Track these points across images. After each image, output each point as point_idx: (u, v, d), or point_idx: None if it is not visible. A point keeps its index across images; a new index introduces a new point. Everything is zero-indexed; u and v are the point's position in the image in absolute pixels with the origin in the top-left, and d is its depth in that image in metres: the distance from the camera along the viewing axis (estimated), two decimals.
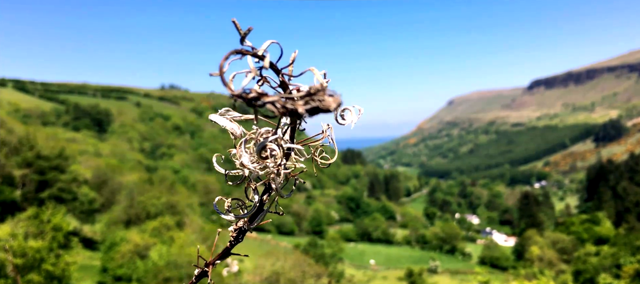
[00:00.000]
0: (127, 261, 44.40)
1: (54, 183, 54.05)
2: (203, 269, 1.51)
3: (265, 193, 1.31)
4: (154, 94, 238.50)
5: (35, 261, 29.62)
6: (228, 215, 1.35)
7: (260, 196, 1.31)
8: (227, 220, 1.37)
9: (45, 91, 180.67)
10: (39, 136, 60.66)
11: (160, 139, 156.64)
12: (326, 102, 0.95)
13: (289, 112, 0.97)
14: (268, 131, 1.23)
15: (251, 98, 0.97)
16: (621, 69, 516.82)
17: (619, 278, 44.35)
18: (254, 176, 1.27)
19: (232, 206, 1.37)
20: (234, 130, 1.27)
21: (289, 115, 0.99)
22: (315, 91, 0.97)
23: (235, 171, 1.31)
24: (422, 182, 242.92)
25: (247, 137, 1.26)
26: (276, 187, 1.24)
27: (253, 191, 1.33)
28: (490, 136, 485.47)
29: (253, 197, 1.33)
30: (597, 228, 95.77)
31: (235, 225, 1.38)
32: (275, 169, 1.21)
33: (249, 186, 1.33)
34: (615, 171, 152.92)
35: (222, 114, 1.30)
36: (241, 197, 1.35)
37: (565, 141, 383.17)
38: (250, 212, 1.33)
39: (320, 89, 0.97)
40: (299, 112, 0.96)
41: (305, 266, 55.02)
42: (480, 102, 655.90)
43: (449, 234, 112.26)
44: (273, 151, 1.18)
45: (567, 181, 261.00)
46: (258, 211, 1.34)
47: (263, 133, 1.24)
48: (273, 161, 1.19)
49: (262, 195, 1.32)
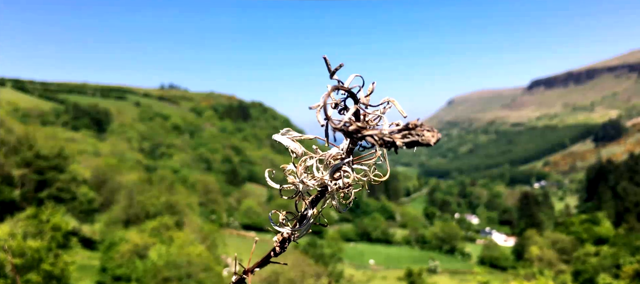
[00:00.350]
0: (126, 261, 44.34)
1: (53, 183, 54.00)
2: (241, 276, 1.55)
3: (313, 206, 1.41)
4: (154, 93, 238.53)
5: (34, 260, 29.56)
6: (283, 228, 1.46)
7: (311, 210, 1.42)
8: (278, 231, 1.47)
9: (44, 91, 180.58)
10: (38, 136, 60.61)
11: (159, 138, 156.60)
12: (425, 137, 1.03)
13: (386, 144, 1.07)
14: (338, 154, 1.32)
15: (352, 131, 1.09)
16: (621, 69, 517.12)
17: (619, 278, 44.34)
18: (304, 190, 1.36)
19: (288, 218, 1.48)
20: (296, 149, 1.36)
21: (385, 146, 1.09)
22: (414, 126, 1.06)
23: (287, 186, 1.40)
24: (421, 182, 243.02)
25: (306, 157, 1.35)
26: (336, 204, 1.36)
27: (305, 204, 1.42)
28: (490, 136, 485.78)
29: (306, 210, 1.43)
30: (596, 228, 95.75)
31: (280, 235, 1.46)
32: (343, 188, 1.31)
33: (300, 200, 1.42)
34: (614, 171, 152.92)
35: (284, 134, 1.39)
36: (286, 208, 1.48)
37: (565, 141, 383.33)
38: (306, 225, 1.44)
39: (419, 125, 1.05)
40: (397, 145, 1.06)
41: (304, 266, 55.03)
42: (480, 102, 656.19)
43: (449, 234, 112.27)
44: (346, 173, 1.30)
45: (567, 181, 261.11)
46: (306, 222, 1.45)
47: (334, 155, 1.32)
48: (343, 181, 1.30)
49: (312, 207, 1.42)
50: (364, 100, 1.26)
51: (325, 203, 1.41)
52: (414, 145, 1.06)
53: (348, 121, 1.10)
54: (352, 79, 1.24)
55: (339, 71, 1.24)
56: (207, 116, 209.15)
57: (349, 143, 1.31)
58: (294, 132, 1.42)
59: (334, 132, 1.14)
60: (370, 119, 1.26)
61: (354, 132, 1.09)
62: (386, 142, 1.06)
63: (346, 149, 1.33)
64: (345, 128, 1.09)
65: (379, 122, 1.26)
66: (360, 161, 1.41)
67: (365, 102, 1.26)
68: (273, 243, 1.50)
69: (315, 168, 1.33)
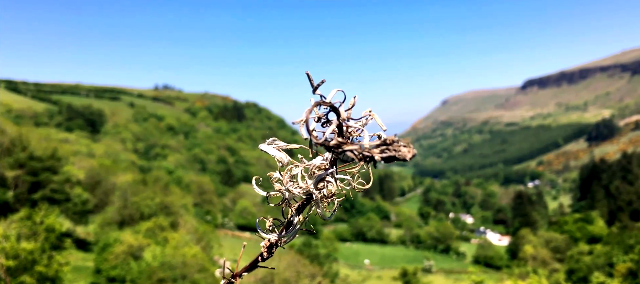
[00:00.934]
0: (120, 262, 44.19)
1: (46, 184, 53.74)
2: (229, 281, 1.60)
3: (299, 213, 1.47)
4: (148, 94, 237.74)
5: (27, 262, 29.41)
6: (270, 234, 1.50)
7: (297, 216, 1.48)
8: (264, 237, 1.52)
9: (37, 92, 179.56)
10: (31, 137, 60.31)
11: (154, 139, 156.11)
12: (402, 153, 1.09)
13: (365, 158, 1.13)
14: (322, 164, 1.38)
15: (332, 146, 1.15)
16: (614, 68, 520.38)
17: (612, 277, 44.60)
18: (290, 198, 1.42)
19: (274, 225, 1.53)
20: (282, 159, 1.41)
21: (364, 161, 1.15)
22: (391, 142, 1.12)
23: (274, 193, 1.45)
24: (416, 182, 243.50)
25: (292, 166, 1.40)
26: (321, 211, 1.42)
27: (292, 211, 1.48)
28: (484, 136, 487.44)
29: (293, 216, 1.48)
30: (590, 226, 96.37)
31: (267, 240, 1.50)
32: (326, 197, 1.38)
33: (287, 207, 1.48)
34: (608, 170, 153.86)
35: (270, 144, 1.43)
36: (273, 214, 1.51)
37: (559, 140, 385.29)
38: (292, 231, 1.49)
39: (396, 141, 1.12)
40: (375, 159, 1.12)
41: (299, 266, 55.03)
42: (474, 102, 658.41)
43: (443, 234, 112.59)
44: (330, 183, 1.37)
45: (561, 180, 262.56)
46: (292, 228, 1.50)
47: (318, 165, 1.38)
48: (327, 191, 1.37)
49: (298, 214, 1.48)
50: (345, 114, 1.31)
51: (310, 210, 1.46)
52: (392, 160, 1.12)
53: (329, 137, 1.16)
54: (334, 94, 1.30)
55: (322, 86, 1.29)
56: (202, 117, 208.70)
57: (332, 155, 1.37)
58: (280, 142, 1.46)
59: (316, 146, 1.20)
60: (353, 131, 1.32)
61: (334, 147, 1.15)
62: (365, 156, 1.12)
63: (330, 160, 1.39)
64: (327, 143, 1.15)
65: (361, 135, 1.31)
66: (345, 169, 1.48)
67: (346, 116, 1.31)
68: (261, 247, 1.54)
69: (300, 177, 1.38)
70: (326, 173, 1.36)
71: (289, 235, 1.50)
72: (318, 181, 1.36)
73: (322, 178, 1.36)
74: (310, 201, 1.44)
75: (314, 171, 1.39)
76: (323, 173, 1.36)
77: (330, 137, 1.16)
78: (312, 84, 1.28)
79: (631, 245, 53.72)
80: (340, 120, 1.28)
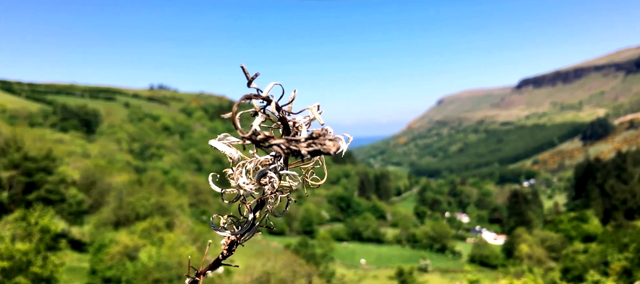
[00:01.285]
0: (116, 263, 44.05)
1: (41, 185, 53.49)
2: (194, 279, 1.63)
3: (257, 210, 1.46)
4: (143, 94, 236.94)
5: (22, 263, 29.27)
6: (224, 232, 1.51)
7: (253, 213, 1.47)
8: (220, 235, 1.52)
9: (32, 92, 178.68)
10: (26, 137, 60.00)
11: (149, 139, 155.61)
12: (327, 146, 1.11)
13: (293, 152, 1.13)
14: (267, 159, 1.37)
15: (259, 140, 1.13)
16: (608, 68, 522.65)
17: (607, 275, 44.79)
18: (247, 195, 1.41)
19: (228, 223, 1.53)
20: (232, 155, 1.41)
21: (292, 155, 1.16)
22: (317, 136, 1.13)
23: (231, 190, 1.43)
24: (412, 182, 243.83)
25: (244, 162, 1.39)
26: (271, 208, 1.40)
27: (247, 208, 1.47)
28: (479, 135, 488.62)
29: (248, 214, 1.48)
30: (585, 225, 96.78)
31: (227, 239, 1.51)
32: (272, 193, 1.37)
33: (243, 204, 1.47)
34: (602, 169, 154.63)
35: (221, 139, 1.42)
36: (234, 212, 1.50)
37: (554, 139, 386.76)
38: (245, 228, 1.49)
39: (321, 134, 1.13)
40: (301, 153, 1.13)
41: (296, 266, 55.04)
42: (470, 102, 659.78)
43: (439, 233, 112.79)
44: (272, 178, 1.35)
45: (556, 180, 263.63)
46: (250, 226, 1.49)
47: (262, 161, 1.38)
48: (271, 186, 1.35)
49: (255, 212, 1.47)
50: (286, 108, 1.31)
51: (264, 207, 1.45)
52: (318, 154, 1.13)
53: (255, 131, 1.14)
54: (271, 87, 1.28)
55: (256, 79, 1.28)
56: (197, 117, 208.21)
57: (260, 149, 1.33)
58: (233, 137, 1.44)
59: (243, 141, 1.20)
60: (299, 127, 1.30)
61: (261, 142, 1.14)
62: (292, 150, 1.12)
63: (275, 155, 1.38)
64: (253, 137, 1.13)
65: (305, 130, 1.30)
66: (299, 165, 1.46)
67: (287, 110, 1.31)
68: (221, 245, 1.54)
69: (244, 174, 1.37)
70: (268, 168, 1.35)
71: (249, 233, 1.51)
72: (260, 177, 1.35)
73: (264, 174, 1.35)
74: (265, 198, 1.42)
75: (258, 167, 1.39)
76: (265, 169, 1.35)
77: (255, 132, 1.14)
78: (248, 77, 1.27)
79: (626, 244, 53.96)
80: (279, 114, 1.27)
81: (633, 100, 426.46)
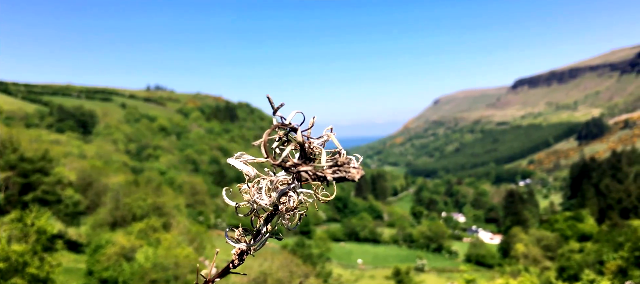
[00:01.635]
0: (113, 264, 43.99)
1: (37, 186, 53.37)
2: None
3: (267, 223, 1.57)
4: (140, 95, 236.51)
5: (18, 264, 29.24)
6: (239, 243, 1.61)
7: (265, 226, 1.58)
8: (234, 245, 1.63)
9: (28, 93, 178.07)
10: (22, 138, 59.86)
11: (146, 140, 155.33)
12: (351, 174, 1.22)
13: (319, 178, 1.25)
14: (285, 179, 1.47)
15: (289, 166, 1.26)
16: (603, 68, 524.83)
17: (602, 275, 45.03)
18: (260, 209, 1.52)
19: (241, 234, 1.63)
20: (249, 172, 1.51)
21: (318, 180, 1.29)
22: (342, 164, 1.25)
23: (244, 204, 1.55)
24: (408, 182, 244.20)
25: (259, 179, 1.50)
26: (287, 223, 1.51)
27: (259, 221, 1.58)
28: (475, 135, 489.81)
29: (260, 226, 1.58)
30: (580, 225, 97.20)
31: (237, 248, 1.61)
32: (290, 210, 1.47)
33: (257, 217, 1.58)
34: (597, 168, 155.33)
35: (238, 158, 1.53)
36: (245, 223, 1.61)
37: (549, 139, 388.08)
38: (260, 240, 1.59)
39: (346, 162, 1.24)
40: (327, 179, 1.25)
41: (293, 266, 55.03)
42: (466, 102, 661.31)
43: (436, 233, 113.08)
44: (291, 197, 1.45)
45: (551, 179, 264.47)
46: (260, 237, 1.60)
47: (280, 180, 1.47)
48: (290, 204, 1.46)
49: (266, 224, 1.57)
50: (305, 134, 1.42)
51: (277, 221, 1.55)
52: (342, 180, 1.24)
53: (285, 158, 1.26)
54: (293, 116, 1.40)
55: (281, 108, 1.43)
56: (194, 117, 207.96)
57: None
58: (248, 156, 1.56)
59: (274, 167, 1.34)
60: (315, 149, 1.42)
61: (290, 167, 1.27)
62: (319, 177, 1.24)
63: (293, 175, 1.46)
64: (283, 164, 1.26)
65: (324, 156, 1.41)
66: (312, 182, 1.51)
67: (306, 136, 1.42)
68: (232, 255, 1.64)
69: (265, 191, 1.47)
70: (288, 187, 1.44)
71: (258, 244, 1.60)
72: (281, 195, 1.44)
73: (285, 192, 1.44)
74: (277, 212, 1.52)
75: (277, 185, 1.47)
76: (286, 187, 1.44)
77: (286, 158, 1.26)
78: (273, 106, 1.38)
79: (621, 243, 54.25)
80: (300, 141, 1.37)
81: (628, 100, 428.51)
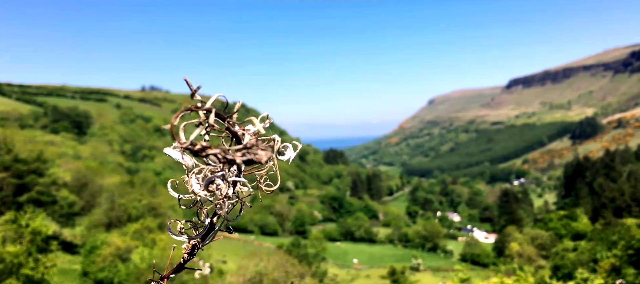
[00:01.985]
0: (108, 265, 43.93)
1: (32, 187, 53.17)
2: (158, 283, 1.70)
3: (214, 215, 1.49)
4: (135, 95, 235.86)
5: (13, 266, 29.19)
6: (181, 236, 1.56)
7: (210, 219, 1.51)
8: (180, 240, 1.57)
9: (22, 93, 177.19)
10: (16, 139, 59.69)
11: (141, 141, 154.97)
12: (258, 155, 1.18)
13: (228, 161, 1.20)
14: (216, 167, 1.39)
15: (196, 150, 1.18)
16: (596, 67, 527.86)
17: (596, 273, 45.37)
18: (204, 200, 1.44)
19: (185, 228, 1.58)
20: (185, 162, 1.44)
21: (228, 164, 1.23)
22: (251, 146, 1.20)
23: (188, 196, 1.47)
24: (404, 181, 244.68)
25: (198, 169, 1.42)
26: (223, 214, 1.43)
27: (204, 213, 1.52)
28: (470, 135, 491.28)
29: (204, 219, 1.52)
30: (574, 223, 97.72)
31: (188, 243, 1.57)
32: (222, 199, 1.40)
33: (201, 210, 1.52)
34: (591, 167, 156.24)
35: (175, 147, 1.43)
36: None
37: (543, 138, 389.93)
38: (202, 232, 1.53)
39: (254, 144, 1.20)
40: (236, 163, 1.19)
41: (288, 266, 55.13)
42: (461, 101, 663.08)
43: (431, 232, 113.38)
44: (219, 185, 1.38)
45: (545, 178, 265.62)
46: (209, 231, 1.53)
47: (212, 169, 1.40)
48: (219, 193, 1.38)
49: (212, 217, 1.50)
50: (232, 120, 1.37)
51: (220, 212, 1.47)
52: (252, 163, 1.20)
53: (192, 141, 1.18)
54: (214, 99, 1.31)
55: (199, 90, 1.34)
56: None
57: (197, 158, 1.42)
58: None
59: (183, 151, 1.25)
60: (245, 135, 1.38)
61: (199, 151, 1.19)
62: (228, 159, 1.18)
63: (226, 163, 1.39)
64: (192, 147, 1.18)
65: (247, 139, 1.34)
66: (251, 171, 1.51)
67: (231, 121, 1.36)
68: (183, 250, 1.60)
69: (194, 181, 1.39)
70: (215, 175, 1.37)
71: (209, 237, 1.54)
72: (208, 183, 1.38)
73: (211, 181, 1.38)
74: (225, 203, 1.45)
75: (206, 174, 1.40)
76: (212, 176, 1.38)
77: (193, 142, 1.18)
78: (191, 89, 1.31)
79: (614, 241, 54.59)
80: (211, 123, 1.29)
81: (621, 99, 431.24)
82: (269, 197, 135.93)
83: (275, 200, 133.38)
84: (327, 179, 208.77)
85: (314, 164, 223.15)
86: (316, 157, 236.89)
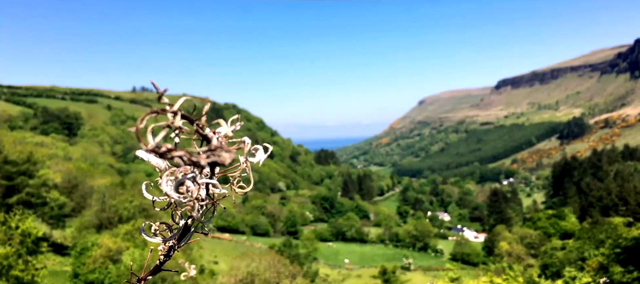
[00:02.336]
0: (99, 266, 43.76)
1: (22, 188, 52.81)
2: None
3: (189, 217, 1.49)
4: (125, 96, 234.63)
5: (2, 267, 29.11)
6: (154, 238, 1.56)
7: (185, 220, 1.52)
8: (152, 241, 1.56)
9: (12, 95, 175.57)
10: (5, 141, 59.16)
11: (131, 142, 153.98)
12: (222, 158, 1.17)
13: (194, 164, 1.19)
14: (187, 169, 1.39)
15: (162, 152, 1.17)
16: (583, 68, 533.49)
17: (583, 271, 46.03)
18: (178, 202, 1.42)
19: (160, 229, 1.58)
20: (158, 164, 1.42)
21: (193, 166, 1.22)
22: (215, 148, 1.20)
23: (162, 198, 1.46)
24: (394, 181, 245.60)
25: (170, 171, 1.41)
26: (196, 215, 1.42)
27: (178, 216, 1.54)
28: (460, 135, 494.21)
29: (179, 221, 1.53)
30: (562, 222, 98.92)
31: (165, 245, 1.56)
32: (192, 201, 1.39)
33: (175, 212, 1.53)
34: (579, 167, 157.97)
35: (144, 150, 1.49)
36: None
37: (532, 138, 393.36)
38: (176, 234, 1.54)
39: (219, 146, 1.19)
40: (202, 165, 1.19)
41: (280, 266, 55.26)
42: (450, 102, 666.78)
43: (422, 232, 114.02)
44: (189, 187, 1.37)
45: (534, 178, 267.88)
46: (185, 232, 1.54)
47: (182, 170, 1.39)
48: (189, 195, 1.37)
49: (187, 219, 1.51)
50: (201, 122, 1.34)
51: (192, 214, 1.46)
52: (216, 165, 1.19)
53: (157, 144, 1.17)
54: (181, 102, 1.31)
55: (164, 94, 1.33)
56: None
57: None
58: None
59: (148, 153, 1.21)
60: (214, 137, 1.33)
61: (164, 154, 1.18)
62: (193, 162, 1.17)
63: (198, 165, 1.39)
64: (157, 150, 1.17)
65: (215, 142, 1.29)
66: (224, 173, 1.51)
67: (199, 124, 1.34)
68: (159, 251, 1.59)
69: (164, 183, 1.38)
70: (185, 177, 1.37)
71: (184, 239, 1.55)
72: (178, 185, 1.37)
73: (181, 183, 1.37)
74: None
75: (177, 176, 1.40)
76: (182, 178, 1.37)
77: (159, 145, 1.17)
78: (159, 92, 1.29)
79: (602, 240, 55.43)
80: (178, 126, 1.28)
81: (608, 100, 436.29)
82: (260, 197, 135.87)
83: (266, 201, 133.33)
84: (319, 179, 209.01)
85: (305, 164, 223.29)
86: (307, 157, 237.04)
